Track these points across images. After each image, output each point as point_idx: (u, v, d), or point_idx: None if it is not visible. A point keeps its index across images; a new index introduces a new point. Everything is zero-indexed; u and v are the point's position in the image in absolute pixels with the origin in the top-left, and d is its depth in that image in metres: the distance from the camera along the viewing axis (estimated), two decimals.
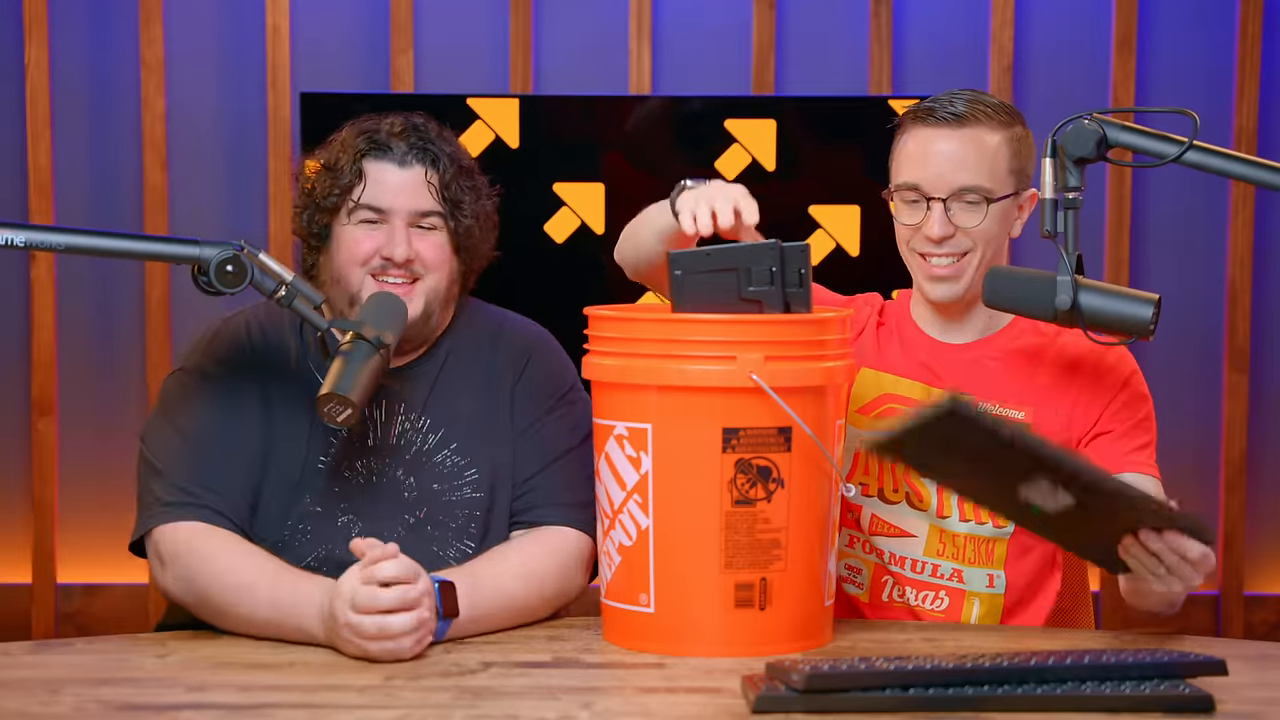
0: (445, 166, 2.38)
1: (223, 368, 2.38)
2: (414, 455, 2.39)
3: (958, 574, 2.46)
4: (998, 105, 2.45)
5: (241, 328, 2.42)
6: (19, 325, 4.20)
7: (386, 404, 2.39)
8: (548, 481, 2.40)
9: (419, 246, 2.36)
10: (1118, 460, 2.43)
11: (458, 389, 2.42)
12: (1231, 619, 4.22)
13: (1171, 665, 1.95)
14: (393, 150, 2.37)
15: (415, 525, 2.37)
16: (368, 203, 2.36)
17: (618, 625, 2.22)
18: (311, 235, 2.41)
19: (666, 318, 2.23)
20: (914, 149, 2.44)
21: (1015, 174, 2.44)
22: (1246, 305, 4.19)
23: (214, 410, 2.36)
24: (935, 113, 2.43)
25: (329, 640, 2.15)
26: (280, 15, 4.09)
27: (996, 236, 2.44)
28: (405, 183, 2.37)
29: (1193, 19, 4.19)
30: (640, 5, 4.12)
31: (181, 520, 2.29)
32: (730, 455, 2.14)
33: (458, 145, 2.44)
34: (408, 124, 2.40)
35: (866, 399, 2.49)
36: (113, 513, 4.18)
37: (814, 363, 2.17)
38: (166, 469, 2.33)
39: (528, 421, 2.43)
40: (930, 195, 2.41)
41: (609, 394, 2.21)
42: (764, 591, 2.16)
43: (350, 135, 2.40)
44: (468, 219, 2.39)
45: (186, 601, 2.28)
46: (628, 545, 2.19)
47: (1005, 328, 2.50)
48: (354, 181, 2.37)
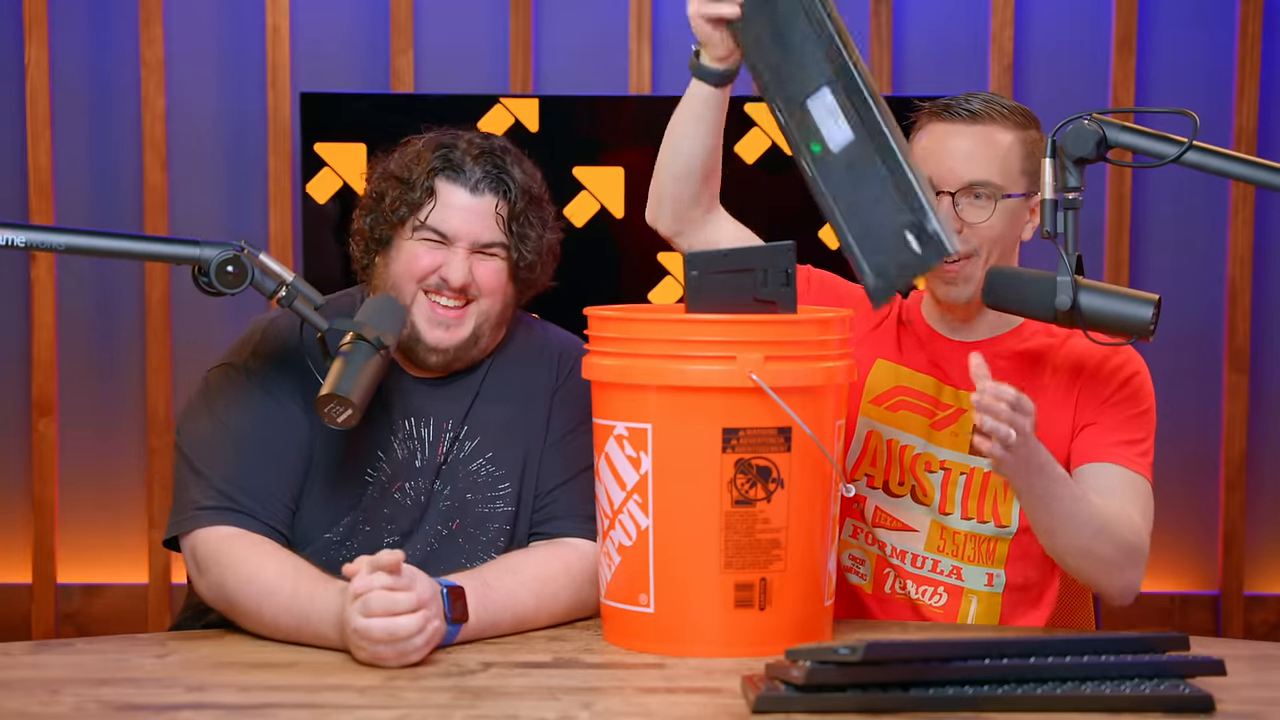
0: (516, 198, 2.36)
1: (269, 368, 2.36)
2: (451, 464, 2.39)
3: (957, 571, 2.46)
4: (1013, 107, 2.47)
5: (290, 329, 2.38)
6: (19, 325, 4.20)
7: (434, 423, 2.39)
8: (569, 494, 2.40)
9: (477, 271, 2.35)
10: (1098, 450, 2.42)
11: (497, 399, 2.42)
12: (1231, 619, 4.22)
13: (1171, 665, 1.95)
14: (466, 174, 2.35)
15: (448, 536, 2.37)
16: (434, 225, 2.34)
17: (618, 625, 2.23)
18: (372, 240, 2.39)
19: (667, 318, 2.23)
20: (928, 144, 2.45)
21: (1028, 175, 2.45)
22: (1246, 305, 4.19)
23: (260, 411, 2.34)
24: (951, 109, 2.44)
25: (344, 645, 2.15)
26: (280, 15, 4.10)
27: (1004, 237, 2.44)
28: (474, 211, 2.35)
29: (1193, 19, 4.19)
30: (640, 5, 4.12)
31: (216, 525, 2.28)
32: (730, 455, 2.14)
33: (532, 173, 2.41)
34: (485, 147, 2.38)
35: (881, 389, 2.50)
36: (113, 513, 4.19)
37: (814, 363, 2.17)
38: (207, 469, 2.30)
39: (561, 433, 2.42)
40: (940, 189, 2.42)
41: (609, 394, 2.21)
42: (764, 591, 2.16)
43: (426, 149, 2.37)
44: (530, 253, 2.38)
45: (220, 607, 2.27)
46: (627, 545, 2.19)
47: (1016, 328, 2.51)
48: (424, 200, 2.34)
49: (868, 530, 2.51)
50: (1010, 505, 2.45)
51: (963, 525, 2.47)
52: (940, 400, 2.48)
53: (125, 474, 4.21)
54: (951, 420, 2.47)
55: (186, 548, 2.31)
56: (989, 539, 2.46)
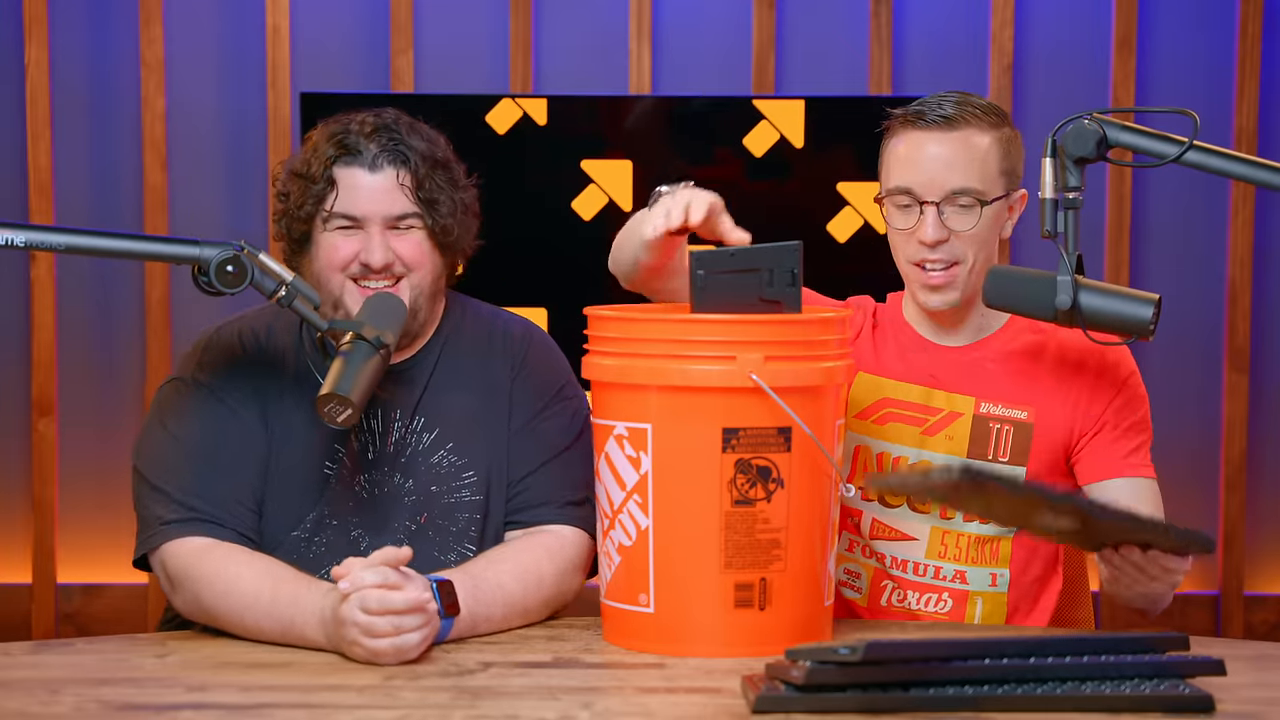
0: (417, 165, 2.35)
1: (217, 377, 2.37)
2: (410, 457, 2.39)
3: (960, 575, 2.46)
4: (986, 106, 2.45)
5: (234, 336, 2.41)
6: (19, 325, 4.20)
7: (382, 413, 2.38)
8: (543, 481, 2.40)
9: (397, 247, 2.35)
10: (1115, 465, 2.43)
11: (451, 388, 2.41)
12: (1231, 619, 4.22)
13: (1171, 665, 1.95)
14: (362, 154, 2.34)
15: (417, 531, 2.36)
16: (341, 210, 2.34)
17: (618, 625, 2.23)
18: (292, 241, 2.40)
19: (667, 318, 2.23)
20: (905, 152, 2.43)
21: (1006, 175, 2.44)
22: (1246, 305, 4.19)
23: (211, 420, 2.34)
24: (925, 115, 2.42)
25: (332, 645, 2.15)
26: (280, 15, 4.09)
27: (989, 240, 2.44)
28: (377, 188, 2.34)
29: (1193, 19, 4.19)
30: (640, 5, 4.12)
31: (185, 537, 2.28)
32: (730, 455, 2.14)
33: (432, 138, 2.40)
34: (377, 124, 2.37)
35: (866, 403, 2.49)
36: (113, 513, 4.18)
37: (813, 363, 2.17)
38: (165, 484, 2.31)
39: (523, 420, 2.42)
40: (923, 199, 2.41)
41: (609, 394, 2.21)
42: (764, 592, 2.16)
43: (321, 139, 2.38)
44: (445, 217, 2.37)
45: (199, 620, 2.28)
46: (627, 545, 2.19)
47: (1002, 328, 2.50)
48: (326, 190, 2.35)
49: (864, 544, 2.50)
50: None
51: (965, 528, 2.46)
52: (931, 406, 2.48)
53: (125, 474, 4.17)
54: (945, 424, 2.47)
55: (157, 564, 2.31)
56: (992, 539, 2.46)
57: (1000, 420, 2.46)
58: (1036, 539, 2.41)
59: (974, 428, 2.46)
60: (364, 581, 2.09)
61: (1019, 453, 2.45)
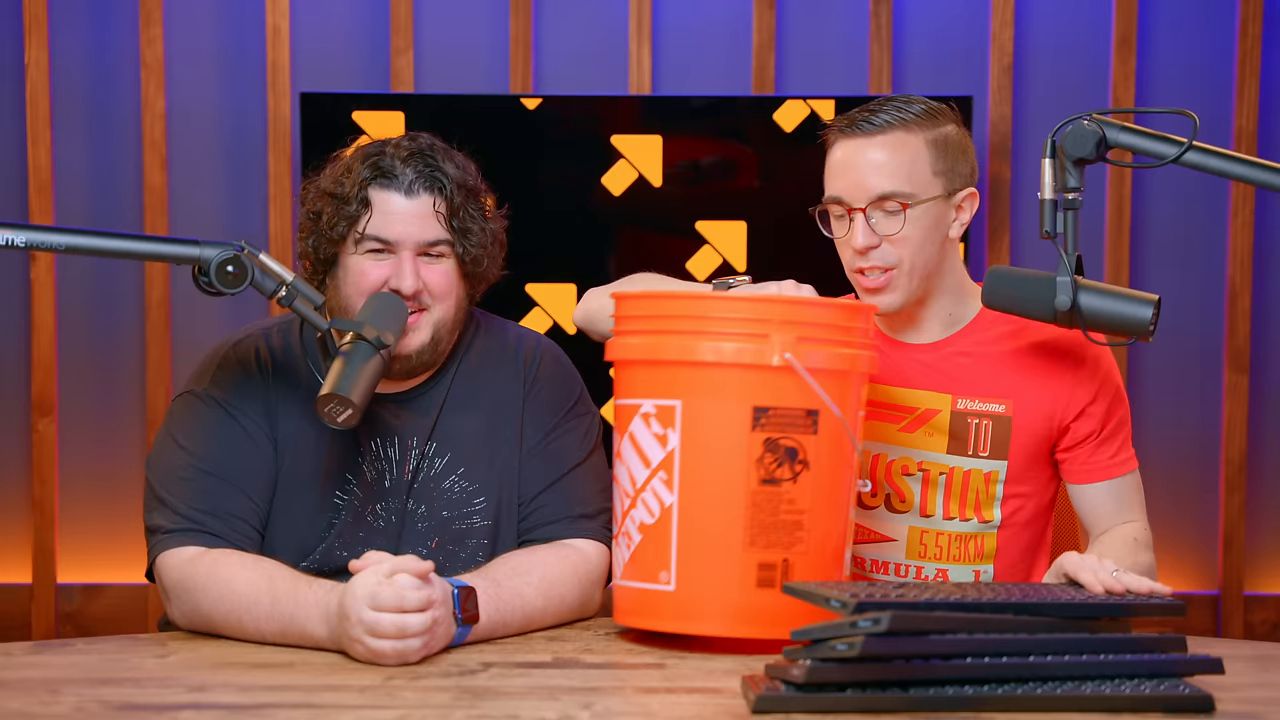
0: (452, 193, 2.34)
1: (231, 393, 2.36)
2: (422, 483, 2.38)
3: (942, 574, 2.46)
4: (925, 108, 2.42)
5: (251, 352, 2.39)
6: (19, 325, 4.20)
7: (399, 441, 2.38)
8: (557, 497, 2.39)
9: (427, 277, 2.34)
10: (1103, 469, 2.45)
11: (464, 409, 2.41)
12: (1231, 619, 4.22)
13: (1171, 665, 1.95)
14: (399, 178, 2.33)
15: (427, 556, 2.34)
16: (374, 234, 2.33)
17: (633, 604, 2.21)
18: (319, 261, 2.38)
19: (698, 296, 2.23)
20: (836, 161, 2.43)
21: (943, 175, 2.42)
22: (1246, 305, 4.19)
23: (222, 436, 2.34)
24: (857, 124, 2.41)
25: (334, 643, 2.14)
26: (280, 15, 4.10)
27: (926, 242, 2.41)
28: (412, 213, 2.33)
29: (1193, 19, 4.19)
30: (640, 5, 4.12)
31: (180, 546, 2.27)
32: (759, 433, 2.13)
33: (465, 166, 2.39)
34: (413, 148, 2.36)
35: None
36: (112, 513, 4.19)
37: (841, 348, 2.18)
38: (171, 496, 2.30)
39: (537, 439, 2.42)
40: (852, 206, 2.40)
41: (636, 372, 2.20)
42: (786, 572, 2.15)
43: (356, 161, 2.36)
44: (475, 247, 2.37)
45: (199, 629, 2.27)
46: (649, 523, 2.18)
47: (972, 321, 2.49)
48: (360, 212, 2.33)
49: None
50: (992, 501, 2.46)
51: (945, 525, 2.46)
52: (905, 404, 2.48)
53: (125, 474, 4.21)
54: (922, 421, 2.47)
55: (156, 575, 2.31)
56: (974, 535, 2.46)
57: (978, 415, 2.45)
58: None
59: (952, 423, 2.46)
60: (381, 573, 2.08)
61: (999, 447, 2.45)
